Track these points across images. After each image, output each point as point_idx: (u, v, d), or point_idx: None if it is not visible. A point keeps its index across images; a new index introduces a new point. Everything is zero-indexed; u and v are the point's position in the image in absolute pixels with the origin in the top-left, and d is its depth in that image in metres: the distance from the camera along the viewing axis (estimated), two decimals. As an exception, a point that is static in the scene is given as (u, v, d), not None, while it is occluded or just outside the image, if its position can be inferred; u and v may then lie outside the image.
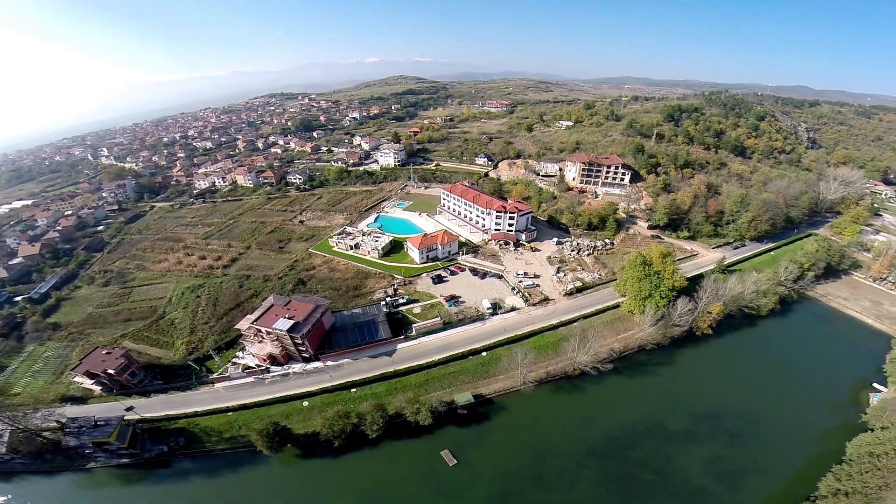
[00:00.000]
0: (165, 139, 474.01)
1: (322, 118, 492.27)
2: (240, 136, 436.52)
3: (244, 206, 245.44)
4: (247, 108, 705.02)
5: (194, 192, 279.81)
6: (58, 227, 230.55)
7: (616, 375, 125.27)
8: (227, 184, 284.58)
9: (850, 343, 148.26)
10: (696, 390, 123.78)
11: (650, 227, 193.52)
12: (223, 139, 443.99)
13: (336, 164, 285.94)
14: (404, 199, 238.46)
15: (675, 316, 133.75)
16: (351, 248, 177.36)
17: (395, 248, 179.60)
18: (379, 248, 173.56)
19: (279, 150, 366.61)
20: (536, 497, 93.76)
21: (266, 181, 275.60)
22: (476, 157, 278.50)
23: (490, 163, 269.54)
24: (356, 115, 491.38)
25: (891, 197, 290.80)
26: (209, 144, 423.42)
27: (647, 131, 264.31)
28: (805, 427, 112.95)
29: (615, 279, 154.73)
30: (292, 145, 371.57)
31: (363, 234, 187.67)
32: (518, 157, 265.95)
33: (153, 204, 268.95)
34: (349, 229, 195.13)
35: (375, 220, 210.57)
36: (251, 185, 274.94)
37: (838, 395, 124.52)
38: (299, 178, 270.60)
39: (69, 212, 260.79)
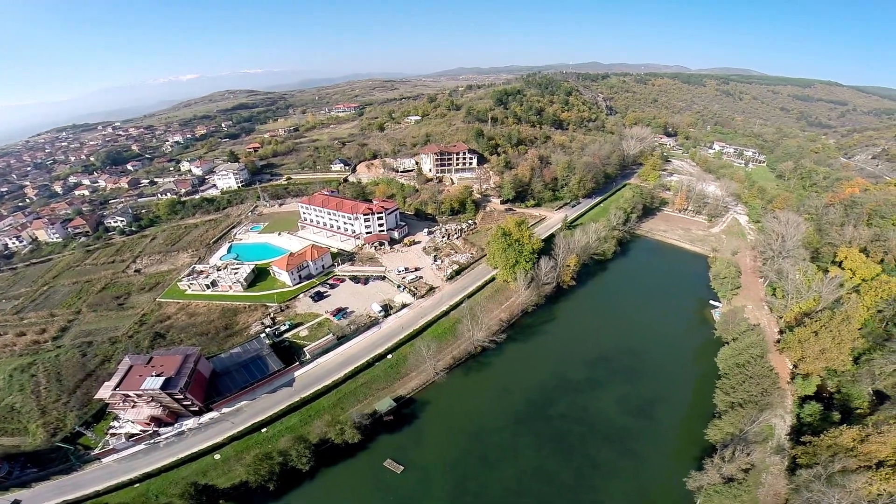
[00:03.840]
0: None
1: (135, 147, 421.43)
2: (27, 182, 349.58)
3: (57, 267, 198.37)
4: (29, 147, 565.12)
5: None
6: None
7: (512, 343, 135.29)
8: (24, 243, 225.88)
9: (680, 267, 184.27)
10: (582, 338, 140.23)
11: (503, 202, 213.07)
12: (3, 189, 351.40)
13: (165, 197, 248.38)
14: (258, 222, 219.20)
15: (542, 275, 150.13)
16: (208, 287, 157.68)
17: (260, 275, 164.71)
18: (241, 279, 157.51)
19: (87, 192, 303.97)
20: (490, 476, 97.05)
21: (78, 231, 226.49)
22: (331, 164, 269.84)
23: (347, 167, 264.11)
24: (178, 138, 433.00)
25: (673, 146, 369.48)
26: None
27: (483, 116, 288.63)
28: (678, 351, 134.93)
29: (485, 255, 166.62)
30: (102, 183, 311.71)
31: (218, 269, 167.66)
32: (375, 157, 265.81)
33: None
34: (200, 267, 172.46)
35: (229, 251, 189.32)
36: (59, 240, 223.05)
37: (689, 316, 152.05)
38: (122, 221, 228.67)
39: None
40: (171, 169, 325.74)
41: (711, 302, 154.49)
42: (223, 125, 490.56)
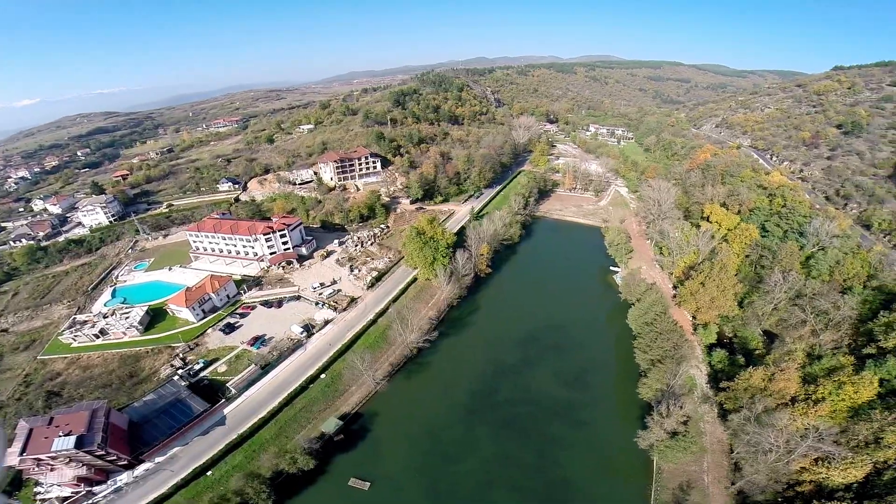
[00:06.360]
0: None
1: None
2: None
3: None
4: None
5: None
6: None
7: (445, 339, 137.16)
8: None
9: (579, 240, 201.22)
10: (507, 322, 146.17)
11: (412, 202, 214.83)
12: None
13: (20, 244, 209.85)
14: (142, 259, 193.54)
15: (460, 268, 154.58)
16: (97, 337, 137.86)
17: (157, 316, 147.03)
18: (135, 324, 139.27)
19: None
20: (457, 472, 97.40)
21: None
22: (217, 184, 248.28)
23: (237, 186, 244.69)
24: (24, 173, 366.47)
25: (556, 132, 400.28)
26: None
27: (382, 119, 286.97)
28: (593, 318, 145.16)
29: (403, 257, 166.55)
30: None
31: (105, 317, 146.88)
32: (267, 171, 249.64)
33: None
34: (82, 317, 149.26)
35: (113, 296, 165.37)
36: None
37: (595, 284, 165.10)
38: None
39: None
40: (21, 210, 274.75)
41: (611, 268, 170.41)
42: (79, 153, 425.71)
